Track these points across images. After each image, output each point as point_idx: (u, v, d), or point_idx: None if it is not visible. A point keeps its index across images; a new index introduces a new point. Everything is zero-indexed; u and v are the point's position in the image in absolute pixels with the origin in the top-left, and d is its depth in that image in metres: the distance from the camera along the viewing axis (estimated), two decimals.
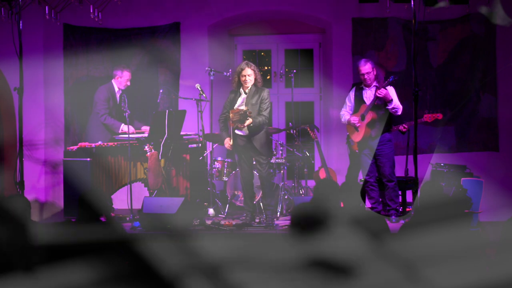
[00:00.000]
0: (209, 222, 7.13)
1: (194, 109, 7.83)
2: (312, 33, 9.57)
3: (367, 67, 7.15)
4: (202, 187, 7.81)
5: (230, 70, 7.92)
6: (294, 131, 8.35)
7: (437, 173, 7.50)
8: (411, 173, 7.39)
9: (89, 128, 7.90)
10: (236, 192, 8.00)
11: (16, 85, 6.69)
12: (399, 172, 7.67)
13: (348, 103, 7.39)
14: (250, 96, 6.98)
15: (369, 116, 7.17)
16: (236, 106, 6.98)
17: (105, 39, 9.01)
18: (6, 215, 3.35)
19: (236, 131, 6.99)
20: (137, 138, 7.55)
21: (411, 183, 7.42)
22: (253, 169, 7.21)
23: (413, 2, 6.66)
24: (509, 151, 8.63)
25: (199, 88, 7.68)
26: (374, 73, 7.19)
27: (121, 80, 7.85)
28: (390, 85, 7.13)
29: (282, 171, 8.05)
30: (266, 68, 9.77)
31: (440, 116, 7.69)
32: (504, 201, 7.57)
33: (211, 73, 7.68)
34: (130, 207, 7.35)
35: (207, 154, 8.12)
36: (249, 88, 7.01)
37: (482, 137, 8.70)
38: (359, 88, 7.31)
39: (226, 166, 8.07)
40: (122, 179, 7.49)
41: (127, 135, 7.39)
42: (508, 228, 3.77)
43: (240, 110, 6.80)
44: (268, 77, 9.66)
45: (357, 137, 7.27)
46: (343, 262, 2.92)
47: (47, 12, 8.00)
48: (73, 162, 7.33)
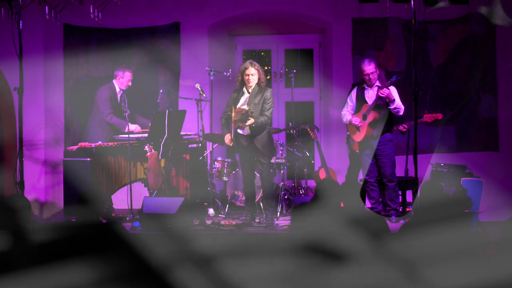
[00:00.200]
0: (209, 222, 7.12)
1: (194, 109, 7.83)
2: (312, 33, 9.57)
3: (371, 67, 7.15)
4: (202, 187, 7.80)
5: (230, 70, 7.91)
6: (294, 131, 8.35)
7: (437, 173, 7.50)
8: (411, 173, 7.39)
9: (89, 128, 7.89)
10: (236, 192, 8.00)
11: (16, 85, 6.69)
12: (399, 172, 7.66)
13: (350, 103, 7.39)
14: (253, 96, 6.96)
15: (371, 116, 7.17)
16: (239, 105, 6.96)
17: (105, 39, 9.01)
18: (6, 215, 3.36)
19: (238, 131, 6.99)
20: (137, 138, 7.55)
21: (411, 183, 7.42)
22: (255, 169, 7.21)
23: (413, 2, 6.66)
24: (509, 151, 8.63)
25: (199, 88, 7.67)
26: (377, 73, 7.19)
27: (123, 81, 7.84)
28: (393, 85, 7.13)
29: (282, 171, 8.04)
30: (266, 68, 9.76)
31: (440, 116, 7.69)
32: (504, 201, 7.57)
33: (211, 73, 7.68)
34: (130, 207, 7.35)
35: (207, 154, 8.12)
36: (253, 88, 6.99)
37: (482, 137, 8.70)
38: (361, 88, 7.30)
39: (226, 166, 8.07)
40: (122, 179, 7.49)
41: (127, 135, 7.39)
42: (508, 228, 3.78)
43: (242, 110, 6.79)
44: (268, 77, 9.65)
45: (359, 137, 7.26)
46: (337, 248, 2.93)
47: (47, 12, 8.00)
48: (73, 162, 7.33)
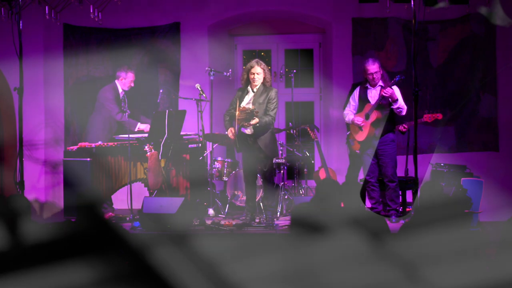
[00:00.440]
0: (209, 222, 7.13)
1: (194, 109, 7.83)
2: (312, 33, 9.57)
3: (375, 67, 7.15)
4: (202, 187, 7.80)
5: (230, 70, 7.91)
6: (294, 131, 8.35)
7: (437, 173, 7.50)
8: (411, 173, 7.39)
9: (89, 128, 7.89)
10: (236, 192, 8.00)
11: (16, 85, 6.68)
12: (399, 172, 7.66)
13: (352, 103, 7.38)
14: (258, 95, 6.95)
15: (374, 116, 7.17)
16: (243, 104, 6.94)
17: (105, 39, 9.01)
18: (6, 215, 3.36)
19: (242, 130, 6.98)
20: (137, 138, 7.55)
21: (411, 183, 7.42)
22: (257, 169, 7.20)
23: (413, 2, 6.66)
24: (509, 151, 8.63)
25: (199, 88, 7.67)
26: (381, 73, 7.20)
27: (125, 82, 7.83)
28: (396, 85, 7.13)
29: (282, 171, 8.04)
30: None
31: (440, 116, 7.69)
32: (504, 201, 7.57)
33: (211, 73, 7.67)
34: (130, 207, 7.35)
35: (207, 154, 8.12)
36: (258, 87, 6.99)
37: (482, 137, 8.70)
38: (364, 88, 7.30)
39: (226, 166, 8.07)
40: (122, 179, 7.49)
41: (127, 135, 7.40)
42: (508, 228, 3.78)
43: (247, 109, 6.77)
44: None
45: (361, 137, 7.26)
46: (319, 222, 2.95)
47: (47, 12, 8.00)
48: (73, 162, 7.33)
